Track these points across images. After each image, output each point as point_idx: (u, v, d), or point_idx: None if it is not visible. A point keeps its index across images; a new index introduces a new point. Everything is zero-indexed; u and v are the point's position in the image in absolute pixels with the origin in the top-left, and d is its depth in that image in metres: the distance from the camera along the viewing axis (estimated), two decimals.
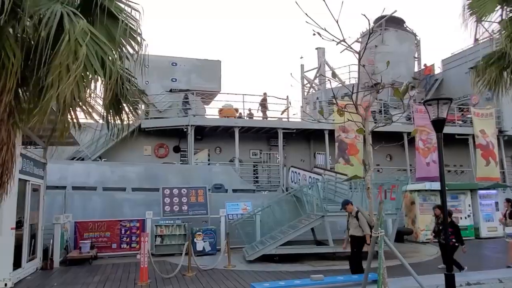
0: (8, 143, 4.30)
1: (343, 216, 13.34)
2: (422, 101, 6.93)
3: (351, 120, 5.21)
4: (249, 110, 20.29)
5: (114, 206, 14.08)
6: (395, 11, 25.06)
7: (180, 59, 20.16)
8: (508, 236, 9.95)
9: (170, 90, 19.32)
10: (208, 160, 17.85)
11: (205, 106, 20.86)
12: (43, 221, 11.07)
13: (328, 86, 24.14)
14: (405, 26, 27.07)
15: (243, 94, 18.20)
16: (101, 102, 4.74)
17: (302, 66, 26.01)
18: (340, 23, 4.79)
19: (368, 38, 4.64)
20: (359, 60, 4.95)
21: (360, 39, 27.29)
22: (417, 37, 27.50)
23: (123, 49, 4.24)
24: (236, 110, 20.33)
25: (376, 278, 6.74)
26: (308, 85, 25.88)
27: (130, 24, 4.08)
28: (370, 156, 5.14)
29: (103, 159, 15.62)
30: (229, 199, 15.08)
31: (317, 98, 22.36)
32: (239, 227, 13.32)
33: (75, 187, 14.02)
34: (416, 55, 27.59)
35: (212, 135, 17.94)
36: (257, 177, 18.24)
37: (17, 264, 9.38)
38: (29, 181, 9.84)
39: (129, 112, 5.30)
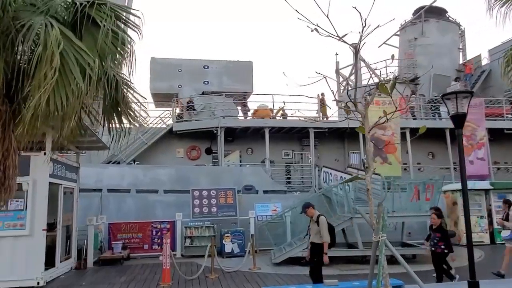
0: (9, 150, 4.48)
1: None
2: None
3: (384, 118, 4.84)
4: (283, 110, 20.11)
5: (147, 208, 14.47)
6: (435, 0, 23.77)
7: (212, 61, 20.40)
8: (508, 240, 9.14)
9: (203, 93, 19.59)
10: (240, 161, 17.87)
11: (238, 107, 20.96)
12: (77, 222, 11.56)
13: (364, 82, 23.42)
14: (447, 16, 25.60)
15: (272, 94, 18.01)
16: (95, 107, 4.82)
17: (337, 63, 25.42)
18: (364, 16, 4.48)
19: (361, 36, 4.30)
20: (357, 54, 4.65)
21: (398, 32, 26.23)
22: (461, 27, 25.90)
23: (117, 55, 4.26)
24: (271, 110, 20.23)
25: (397, 284, 6.39)
26: (344, 82, 25.21)
27: (118, 31, 4.10)
28: (370, 155, 4.82)
29: (136, 162, 16.10)
30: (259, 201, 15.00)
31: (349, 96, 21.63)
32: (266, 228, 13.19)
33: (110, 189, 14.56)
34: (460, 46, 26.00)
35: (243, 136, 17.94)
36: (289, 178, 18.00)
37: (51, 263, 9.90)
38: (61, 184, 10.32)
39: (130, 116, 5.31)
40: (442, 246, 7.80)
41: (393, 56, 5.22)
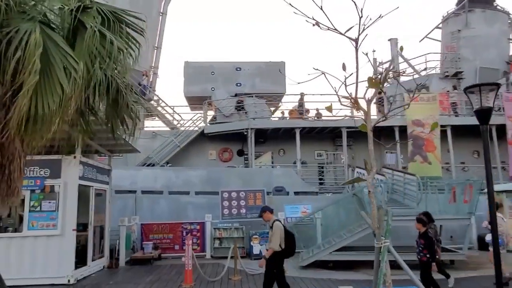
0: (14, 154, 4.68)
1: (410, 220, 12.25)
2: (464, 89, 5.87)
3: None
4: (317, 110, 19.76)
5: (179, 209, 14.74)
6: None
7: (244, 63, 20.45)
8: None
9: (235, 95, 19.68)
10: (272, 162, 17.74)
11: (271, 108, 20.88)
12: (110, 223, 12.00)
13: (403, 79, 22.44)
14: (495, 4, 23.91)
15: (304, 94, 17.69)
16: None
17: (374, 60, 24.54)
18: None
19: (359, 28, 4.05)
20: (356, 48, 4.38)
21: (441, 25, 24.90)
22: (510, 15, 24.08)
23: (108, 58, 4.31)
24: (307, 111, 19.96)
25: None
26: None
27: (106, 34, 4.15)
28: (372, 155, 4.52)
29: (168, 165, 16.46)
30: (290, 202, 14.80)
31: (385, 93, 20.80)
32: (294, 230, 12.93)
33: (144, 191, 15.00)
34: (510, 37, 24.18)
35: (275, 137, 17.81)
36: (322, 179, 17.60)
37: (83, 262, 10.34)
38: (92, 186, 10.76)
39: (132, 118, 5.38)
40: (428, 255, 7.10)
41: (401, 48, 4.85)
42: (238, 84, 20.13)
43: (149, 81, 20.90)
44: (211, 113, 20.01)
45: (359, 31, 4.21)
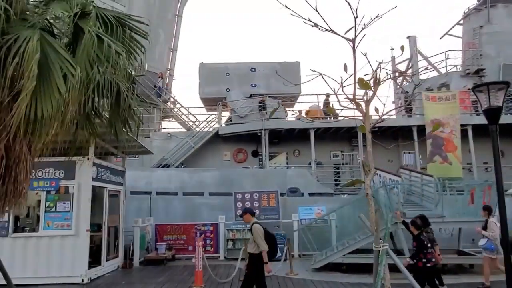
0: (20, 156, 4.78)
1: (433, 222, 11.93)
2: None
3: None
4: (334, 110, 19.52)
5: (193, 210, 14.82)
6: None
7: (259, 64, 20.41)
8: (486, 250, 8.39)
9: (250, 96, 19.65)
10: (287, 163, 17.63)
11: (288, 109, 20.75)
12: (124, 223, 12.16)
13: (422, 77, 21.95)
14: None
15: (318, 94, 17.54)
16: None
17: (393, 58, 24.10)
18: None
19: (355, 28, 3.92)
20: (354, 48, 4.27)
21: (462, 21, 24.21)
22: None
23: (106, 61, 4.35)
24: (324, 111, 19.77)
25: None
26: (400, 78, 23.81)
27: (104, 38, 4.18)
28: (370, 157, 4.40)
29: (183, 166, 16.58)
30: (304, 203, 14.66)
31: (403, 92, 20.38)
32: (308, 232, 12.82)
33: (159, 192, 15.14)
34: None
35: (290, 138, 17.69)
36: (338, 180, 17.37)
37: (98, 262, 10.52)
38: (106, 187, 10.92)
39: (134, 120, 5.42)
40: (424, 259, 6.84)
41: (402, 48, 4.69)
42: (253, 85, 20.10)
43: (165, 83, 21.12)
44: (226, 114, 20.09)
45: (355, 31, 4.10)
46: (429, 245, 7.06)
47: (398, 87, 23.90)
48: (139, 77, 19.01)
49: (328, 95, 19.42)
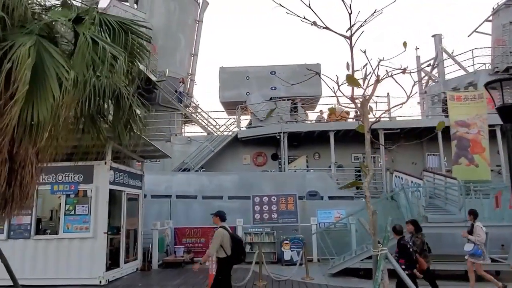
0: (26, 160, 4.93)
1: (453, 227, 11.48)
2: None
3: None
4: (356, 112, 19.21)
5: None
6: None
7: (279, 67, 20.32)
8: (473, 256, 8.16)
9: (270, 99, 19.60)
10: (307, 166, 17.43)
11: (308, 111, 20.57)
12: (142, 226, 12.35)
13: (448, 77, 21.25)
14: None
15: (339, 96, 17.20)
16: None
17: (418, 57, 23.46)
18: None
19: (350, 25, 3.79)
20: (351, 47, 4.13)
21: (491, 17, 23.28)
22: None
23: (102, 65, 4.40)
24: (347, 112, 19.48)
25: None
26: (426, 78, 23.16)
27: (99, 41, 4.26)
28: (369, 158, 4.25)
29: (202, 170, 16.69)
30: (324, 207, 14.45)
31: (425, 92, 19.75)
32: (327, 236, 12.58)
33: (179, 195, 15.32)
34: None
35: (310, 140, 17.48)
36: (360, 183, 17.00)
37: (116, 264, 10.73)
38: (124, 191, 11.14)
39: (136, 123, 5.48)
40: (403, 266, 6.43)
41: (405, 44, 4.51)
42: (273, 88, 20.03)
43: (186, 87, 21.38)
44: (247, 118, 20.12)
45: (350, 29, 3.98)
46: (411, 249, 6.91)
47: (423, 87, 23.25)
48: (161, 83, 19.45)
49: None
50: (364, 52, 4.71)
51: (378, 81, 4.16)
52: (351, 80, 3.66)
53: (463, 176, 14.29)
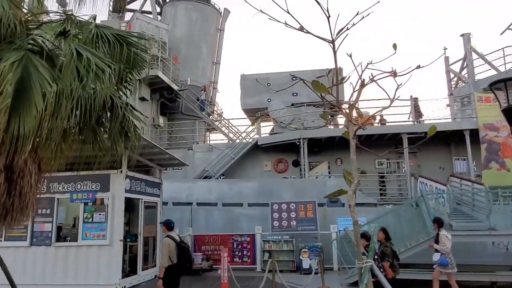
0: (25, 170, 5.10)
1: (479, 235, 10.89)
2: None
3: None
4: (381, 116, 18.75)
5: (232, 221, 14.89)
6: None
7: (300, 72, 20.16)
8: (439, 265, 8.02)
9: (292, 105, 19.47)
10: (329, 172, 17.11)
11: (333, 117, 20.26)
12: (161, 234, 12.48)
13: (478, 77, 20.29)
14: None
15: (363, 100, 16.82)
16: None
17: (446, 58, 22.57)
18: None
19: (330, 29, 3.65)
20: (334, 50, 3.99)
21: None
22: None
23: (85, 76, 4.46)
24: (373, 117, 19.06)
25: None
26: (455, 79, 22.22)
27: (83, 54, 4.35)
28: (354, 165, 4.06)
29: (222, 177, 16.76)
30: (345, 214, 14.09)
31: (451, 94, 18.93)
32: (346, 244, 12.24)
33: (199, 203, 15.44)
34: None
35: (331, 146, 17.18)
36: (383, 189, 16.50)
37: (134, 271, 10.91)
38: (141, 199, 11.34)
39: (132, 135, 5.55)
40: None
41: (394, 46, 4.33)
42: (295, 94, 19.87)
43: (209, 95, 21.64)
44: (269, 124, 20.07)
45: (331, 32, 3.85)
46: (375, 257, 6.64)
47: (453, 88, 22.32)
48: (183, 92, 19.77)
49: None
50: (350, 56, 4.57)
51: (363, 85, 4.00)
52: (317, 86, 3.54)
53: (494, 181, 13.56)
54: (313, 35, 4.21)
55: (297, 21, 4.14)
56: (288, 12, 4.15)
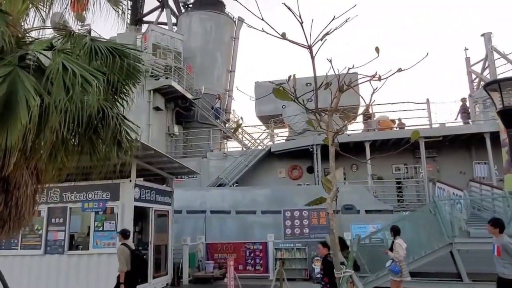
0: (21, 182, 5.24)
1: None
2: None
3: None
4: (399, 119, 18.39)
5: (245, 228, 14.83)
6: None
7: (311, 78, 20.03)
8: (391, 272, 8.00)
9: (306, 111, 19.30)
10: (344, 179, 16.83)
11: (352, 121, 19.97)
12: (172, 242, 12.59)
13: (500, 77, 19.55)
14: None
15: (380, 104, 16.51)
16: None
17: (467, 59, 21.89)
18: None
19: (305, 35, 3.59)
20: (312, 56, 3.92)
21: None
22: None
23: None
24: (393, 121, 18.72)
25: None
26: (477, 80, 21.49)
27: (69, 66, 4.45)
28: (333, 172, 3.96)
29: (235, 184, 16.74)
30: (360, 221, 13.81)
31: (469, 95, 18.27)
32: (359, 252, 11.93)
33: (213, 211, 15.47)
34: None
35: (346, 152, 16.86)
36: (400, 196, 16.07)
37: (145, 279, 10.99)
38: (151, 207, 11.46)
39: (124, 145, 5.60)
40: (329, 285, 6.06)
41: (377, 49, 4.21)
42: (309, 100, 19.64)
43: (224, 103, 21.77)
44: (284, 131, 19.98)
45: (306, 38, 3.79)
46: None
47: (474, 89, 21.59)
48: (197, 100, 19.98)
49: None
50: (330, 61, 4.49)
51: (341, 91, 3.92)
52: (278, 93, 3.48)
53: None
54: (289, 41, 4.18)
55: (273, 28, 4.12)
56: (263, 20, 4.15)
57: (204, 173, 17.62)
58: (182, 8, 24.87)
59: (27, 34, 5.31)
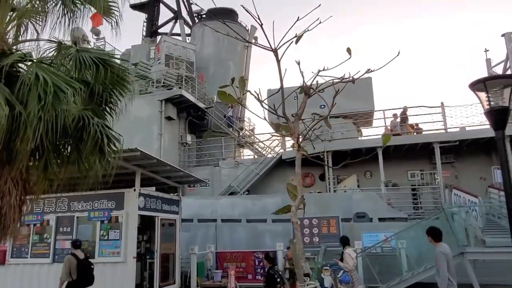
0: (5, 190, 5.32)
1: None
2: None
3: None
4: (416, 124, 17.88)
5: (256, 237, 14.67)
6: None
7: (326, 83, 19.77)
8: (342, 282, 8.27)
9: (319, 117, 19.05)
10: (358, 186, 16.42)
11: (362, 128, 19.62)
12: (180, 250, 12.56)
13: None
14: None
15: (395, 109, 16.13)
16: None
17: (488, 60, 21.09)
18: None
19: (268, 40, 3.54)
20: (278, 60, 3.82)
21: None
22: None
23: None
24: (412, 126, 18.24)
25: None
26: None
27: (42, 76, 4.50)
28: (298, 179, 3.80)
29: (245, 193, 16.62)
30: (373, 229, 13.39)
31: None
32: (369, 262, 11.56)
33: (224, 219, 15.39)
34: None
35: (359, 157, 16.51)
36: (415, 203, 15.51)
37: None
38: (157, 216, 11.49)
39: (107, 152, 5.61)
40: None
41: (348, 50, 4.07)
42: (322, 106, 19.37)
43: (238, 111, 21.78)
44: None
45: (268, 41, 3.70)
46: (278, 279, 6.81)
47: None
48: (210, 109, 20.08)
49: (405, 109, 17.99)
50: (299, 63, 4.40)
51: (308, 96, 3.80)
52: (223, 96, 3.37)
53: None
54: (255, 45, 4.10)
55: (239, 35, 4.05)
56: (227, 25, 4.11)
57: (217, 181, 17.62)
58: (195, 18, 25.21)
59: (13, 47, 5.42)
